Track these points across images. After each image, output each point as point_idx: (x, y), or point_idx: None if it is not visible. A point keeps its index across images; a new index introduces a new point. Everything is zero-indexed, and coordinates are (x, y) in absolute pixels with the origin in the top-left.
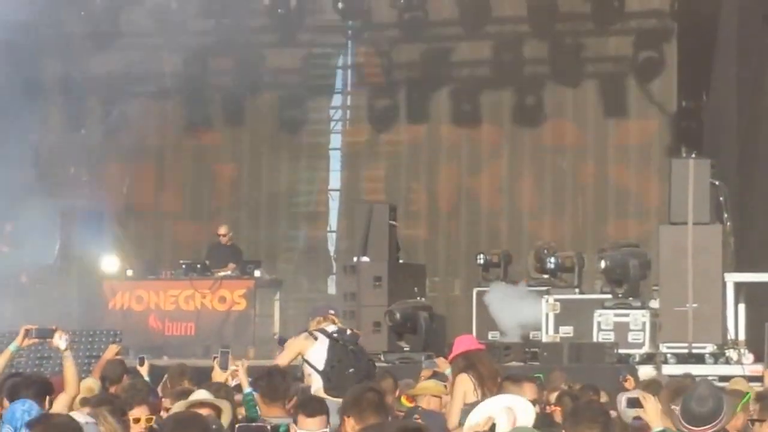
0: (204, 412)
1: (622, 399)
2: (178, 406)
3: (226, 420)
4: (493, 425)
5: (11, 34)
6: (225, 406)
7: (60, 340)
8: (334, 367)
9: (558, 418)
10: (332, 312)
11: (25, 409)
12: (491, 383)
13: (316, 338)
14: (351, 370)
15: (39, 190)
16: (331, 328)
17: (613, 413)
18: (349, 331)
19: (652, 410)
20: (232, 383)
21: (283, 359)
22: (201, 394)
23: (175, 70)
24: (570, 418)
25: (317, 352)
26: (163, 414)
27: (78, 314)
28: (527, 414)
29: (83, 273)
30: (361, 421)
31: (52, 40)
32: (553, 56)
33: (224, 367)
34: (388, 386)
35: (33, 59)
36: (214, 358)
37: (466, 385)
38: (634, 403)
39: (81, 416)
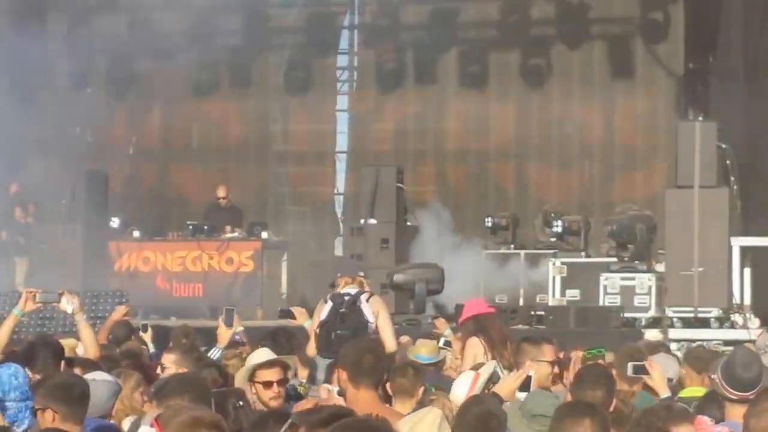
0: (275, 371)
1: (628, 366)
2: (241, 371)
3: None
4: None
5: None
6: (293, 361)
7: (68, 305)
8: (320, 328)
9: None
10: (361, 274)
11: (11, 372)
12: (501, 347)
13: (326, 301)
14: (338, 332)
15: (45, 149)
16: (350, 290)
17: None
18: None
19: (658, 377)
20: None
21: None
22: (263, 354)
23: (181, 30)
24: (574, 381)
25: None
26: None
27: (83, 275)
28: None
29: (88, 233)
30: (354, 379)
31: None
32: (559, 17)
33: (229, 324)
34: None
35: (38, 16)
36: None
37: (476, 348)
38: (639, 370)
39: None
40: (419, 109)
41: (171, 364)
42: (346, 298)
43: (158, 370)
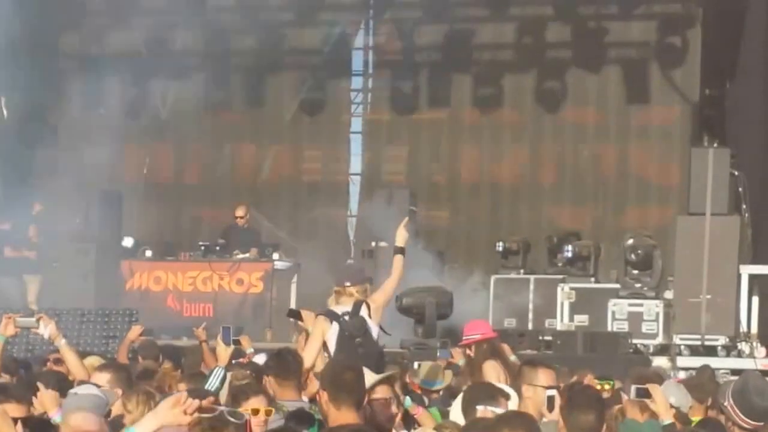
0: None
1: (632, 389)
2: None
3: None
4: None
5: (28, 10)
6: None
7: (45, 330)
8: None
9: None
10: (348, 284)
11: None
12: (510, 370)
13: (327, 319)
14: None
15: (59, 169)
16: (341, 309)
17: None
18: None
19: (661, 401)
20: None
21: (313, 349)
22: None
23: (195, 49)
24: (566, 405)
25: (332, 335)
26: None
27: (95, 294)
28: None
29: (101, 253)
30: (335, 399)
31: (70, 17)
32: (575, 40)
33: (227, 342)
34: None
35: (51, 36)
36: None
37: (497, 371)
38: (642, 393)
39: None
40: (433, 131)
41: (105, 383)
42: (347, 318)
43: None
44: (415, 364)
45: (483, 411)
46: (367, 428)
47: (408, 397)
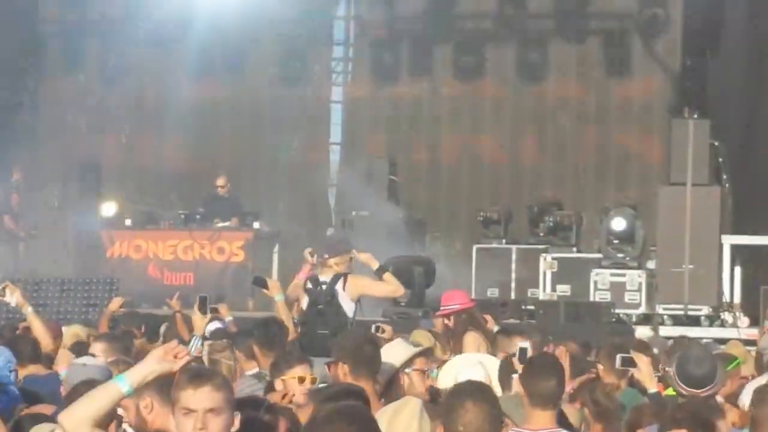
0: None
1: (617, 358)
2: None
3: None
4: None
5: None
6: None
7: (10, 297)
8: (302, 326)
9: None
10: (326, 256)
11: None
12: (491, 340)
13: (303, 288)
14: (319, 332)
15: (39, 137)
16: (323, 279)
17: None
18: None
19: (646, 370)
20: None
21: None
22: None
23: (176, 20)
24: (525, 371)
25: (305, 303)
26: None
27: (75, 262)
28: (496, 369)
29: (81, 221)
30: (355, 371)
31: None
32: (557, 11)
33: (204, 311)
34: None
35: (30, 1)
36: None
37: (477, 341)
38: (627, 362)
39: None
40: (414, 100)
41: (100, 353)
42: (324, 287)
43: None
44: None
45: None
46: (357, 388)
47: (435, 369)
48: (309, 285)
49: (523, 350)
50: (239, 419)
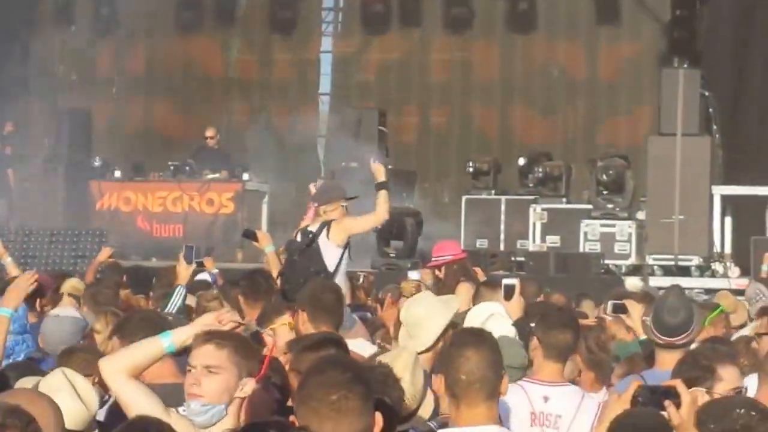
0: None
1: (609, 304)
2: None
3: None
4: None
5: None
6: None
7: None
8: (280, 278)
9: None
10: (316, 205)
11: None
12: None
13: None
14: (301, 280)
15: (31, 88)
16: (313, 228)
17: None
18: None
19: (637, 317)
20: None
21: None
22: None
23: None
24: (541, 324)
25: None
26: None
27: (64, 214)
28: (508, 320)
29: (71, 173)
30: (314, 319)
31: None
32: None
33: (189, 261)
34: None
35: None
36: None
37: (469, 293)
38: (619, 309)
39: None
40: (403, 51)
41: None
42: (308, 237)
43: None
44: None
45: None
46: (336, 336)
47: None
48: (299, 237)
49: (508, 287)
50: (251, 386)
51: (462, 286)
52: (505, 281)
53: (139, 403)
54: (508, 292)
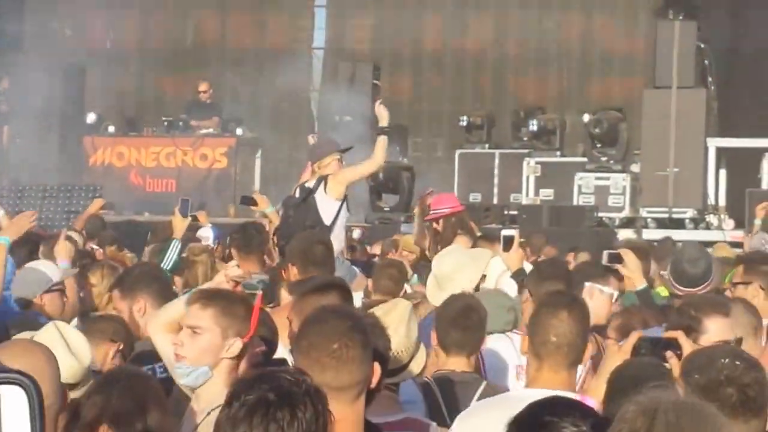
0: None
1: (603, 254)
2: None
3: None
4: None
5: None
6: None
7: None
8: (275, 234)
9: None
10: (310, 162)
11: None
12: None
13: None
14: (281, 243)
15: (25, 45)
16: (309, 184)
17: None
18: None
19: (633, 266)
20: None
21: (272, 215)
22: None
23: None
24: (533, 276)
25: None
26: None
27: (58, 169)
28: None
29: (64, 128)
30: (305, 272)
31: None
32: None
33: (184, 214)
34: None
35: None
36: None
37: (467, 245)
38: (614, 258)
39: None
40: (398, 6)
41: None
42: (304, 194)
43: None
44: None
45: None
46: (341, 281)
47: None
48: (297, 192)
49: (507, 237)
50: (238, 346)
51: (460, 238)
52: (504, 232)
53: (167, 353)
54: (507, 243)
